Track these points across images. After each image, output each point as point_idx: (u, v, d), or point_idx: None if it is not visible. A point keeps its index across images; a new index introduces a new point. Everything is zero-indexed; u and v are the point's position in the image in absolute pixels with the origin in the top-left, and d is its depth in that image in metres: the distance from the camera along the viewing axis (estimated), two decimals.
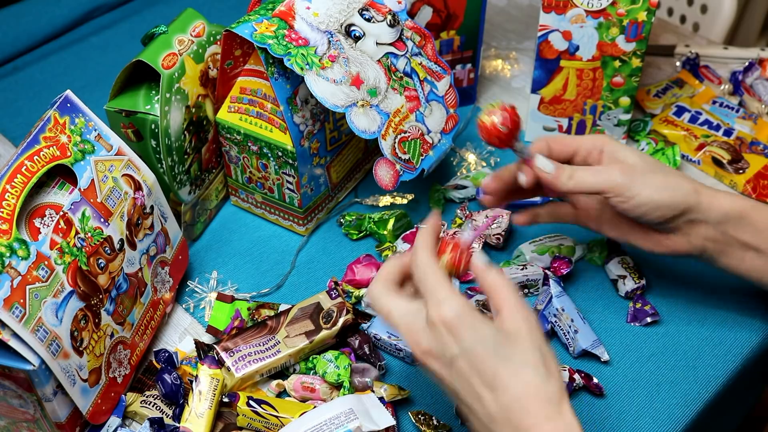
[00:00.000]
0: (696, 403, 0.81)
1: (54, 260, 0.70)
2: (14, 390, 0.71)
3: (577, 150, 0.80)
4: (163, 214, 0.85)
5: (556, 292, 0.85)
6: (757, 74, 1.13)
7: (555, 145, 0.81)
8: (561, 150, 0.81)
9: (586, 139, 0.81)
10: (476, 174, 0.98)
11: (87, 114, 0.77)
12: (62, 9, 1.25)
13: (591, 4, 0.94)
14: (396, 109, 0.88)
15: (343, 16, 0.88)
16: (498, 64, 1.19)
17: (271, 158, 0.90)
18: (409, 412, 0.78)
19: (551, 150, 0.81)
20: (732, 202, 0.78)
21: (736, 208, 0.78)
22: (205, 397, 0.76)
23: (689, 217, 0.78)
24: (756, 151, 1.02)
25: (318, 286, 0.91)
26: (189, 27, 0.89)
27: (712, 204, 0.77)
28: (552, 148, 0.80)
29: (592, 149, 0.80)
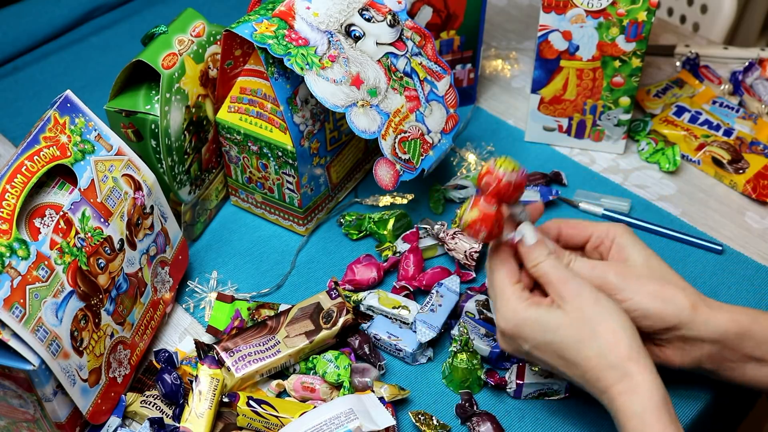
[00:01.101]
0: (696, 403, 0.81)
1: (54, 260, 0.70)
2: (14, 390, 0.71)
3: (590, 238, 0.78)
4: (163, 214, 0.85)
5: None
6: (757, 74, 1.13)
7: (568, 229, 0.79)
8: (574, 234, 0.79)
9: (600, 227, 0.78)
10: (476, 174, 0.98)
11: (87, 114, 0.77)
12: (62, 9, 1.25)
13: (591, 4, 0.94)
14: (396, 109, 0.88)
15: (343, 16, 0.88)
16: (498, 64, 1.19)
17: (271, 158, 0.90)
18: (409, 412, 0.78)
19: (561, 234, 0.79)
20: (731, 319, 0.73)
21: (735, 327, 0.73)
22: (205, 397, 0.76)
23: (682, 333, 0.74)
24: (756, 151, 1.02)
25: (318, 286, 0.91)
26: (189, 27, 0.89)
27: (709, 322, 0.73)
28: (563, 232, 0.79)
29: (605, 238, 0.78)
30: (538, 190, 0.97)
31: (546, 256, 0.73)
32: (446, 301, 0.84)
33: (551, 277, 0.72)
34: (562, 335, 0.70)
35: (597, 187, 1.01)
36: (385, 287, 0.90)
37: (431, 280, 0.88)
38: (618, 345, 0.68)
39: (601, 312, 0.70)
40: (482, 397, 0.81)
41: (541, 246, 0.73)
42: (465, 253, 0.89)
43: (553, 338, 0.70)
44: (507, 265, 0.74)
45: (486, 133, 1.08)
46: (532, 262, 0.73)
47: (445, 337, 0.85)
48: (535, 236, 0.73)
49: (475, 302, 0.85)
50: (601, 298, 0.70)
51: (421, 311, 0.84)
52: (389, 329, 0.84)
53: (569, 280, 0.71)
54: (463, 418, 0.78)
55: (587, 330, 0.69)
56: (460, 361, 0.80)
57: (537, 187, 0.97)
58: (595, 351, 0.69)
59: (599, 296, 0.70)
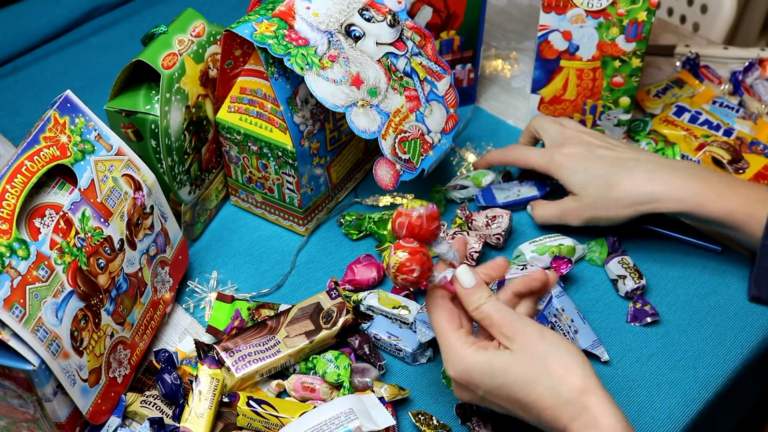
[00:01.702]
0: (696, 403, 0.81)
1: (54, 260, 0.71)
2: (14, 390, 0.71)
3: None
4: (163, 214, 0.85)
5: (556, 292, 0.85)
6: (757, 74, 1.13)
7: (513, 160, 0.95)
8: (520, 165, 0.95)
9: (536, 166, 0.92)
10: (477, 174, 0.98)
11: (87, 114, 0.77)
12: (62, 9, 1.25)
13: (591, 4, 0.94)
14: (396, 109, 0.88)
15: (343, 16, 0.88)
16: (498, 64, 1.19)
17: (271, 158, 0.90)
18: (409, 412, 0.78)
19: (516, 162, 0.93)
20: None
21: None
22: (205, 397, 0.76)
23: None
24: (756, 151, 1.02)
25: (318, 286, 0.91)
26: (189, 27, 0.89)
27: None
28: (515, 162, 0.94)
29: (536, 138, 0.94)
30: (534, 185, 0.97)
31: (487, 298, 0.70)
32: None
33: (494, 319, 0.69)
34: (513, 377, 0.67)
35: None
36: (385, 287, 0.90)
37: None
38: (571, 378, 0.66)
39: (548, 347, 0.67)
40: None
41: (481, 288, 0.71)
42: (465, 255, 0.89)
43: (503, 381, 0.67)
44: (445, 311, 0.71)
45: (486, 133, 1.08)
46: (473, 305, 0.70)
47: None
48: (473, 279, 0.71)
49: None
50: (546, 334, 0.68)
51: (422, 311, 0.84)
52: (389, 329, 0.84)
53: (513, 320, 0.69)
54: (463, 418, 0.78)
55: (538, 368, 0.67)
56: None
57: (532, 183, 0.97)
58: (548, 388, 0.66)
59: (544, 331, 0.68)
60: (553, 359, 0.67)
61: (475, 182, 0.97)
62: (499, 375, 0.68)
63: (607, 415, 0.65)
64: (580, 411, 0.65)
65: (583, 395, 0.66)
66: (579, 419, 0.65)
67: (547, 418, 0.67)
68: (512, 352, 0.68)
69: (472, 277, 0.71)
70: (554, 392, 0.66)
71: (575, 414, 0.65)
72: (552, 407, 0.66)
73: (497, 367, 0.68)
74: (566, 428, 0.66)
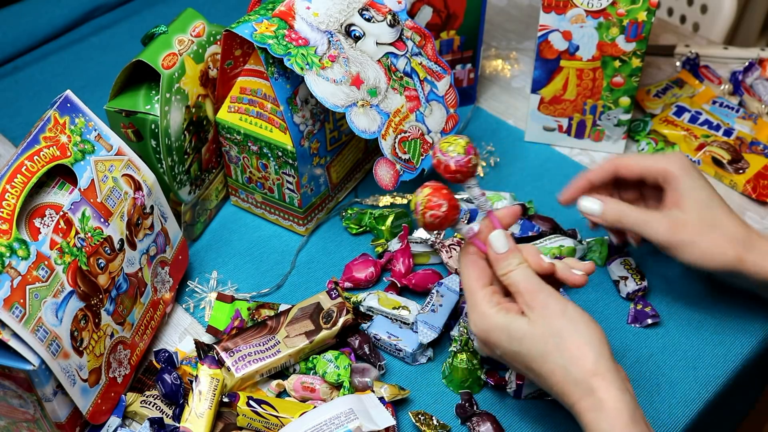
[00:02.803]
0: (696, 403, 0.81)
1: (54, 260, 0.70)
2: (14, 390, 0.71)
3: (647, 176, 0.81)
4: (163, 214, 0.85)
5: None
6: (757, 74, 1.13)
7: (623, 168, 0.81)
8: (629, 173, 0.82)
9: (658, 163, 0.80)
10: (492, 195, 0.96)
11: (87, 114, 0.77)
12: (62, 9, 1.25)
13: (591, 4, 0.94)
14: (396, 108, 0.88)
15: (343, 16, 0.88)
16: (498, 64, 1.19)
17: (271, 158, 0.90)
18: (409, 412, 0.78)
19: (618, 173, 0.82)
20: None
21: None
22: (205, 397, 0.76)
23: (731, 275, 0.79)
24: (756, 151, 1.02)
25: (318, 286, 0.91)
26: (189, 27, 0.89)
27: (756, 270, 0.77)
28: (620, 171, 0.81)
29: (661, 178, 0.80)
30: (520, 224, 0.93)
31: (516, 265, 0.71)
32: (446, 300, 0.84)
33: (520, 286, 0.70)
34: (528, 346, 0.68)
35: None
36: (382, 286, 0.90)
37: (421, 281, 0.88)
38: (583, 360, 0.67)
39: (567, 325, 0.68)
40: (482, 397, 0.81)
41: (513, 254, 0.71)
42: (456, 271, 0.88)
43: (519, 349, 0.69)
44: (477, 268, 0.72)
45: (486, 133, 1.08)
46: (502, 270, 0.71)
47: (445, 337, 0.85)
48: (506, 244, 0.71)
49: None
50: (569, 310, 0.68)
51: (422, 311, 0.84)
52: (389, 329, 0.84)
53: (538, 291, 0.69)
54: (463, 418, 0.78)
55: (552, 343, 0.67)
56: (460, 361, 0.80)
57: (519, 220, 0.93)
58: (560, 365, 0.67)
59: (567, 308, 0.69)
60: (568, 337, 0.68)
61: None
62: (516, 341, 0.69)
63: (612, 399, 0.65)
64: (587, 393, 0.66)
65: (593, 378, 0.66)
66: (586, 400, 0.66)
67: (558, 392, 0.68)
68: (529, 322, 0.69)
69: (505, 243, 0.72)
70: (565, 370, 0.67)
71: (582, 394, 0.66)
72: (562, 383, 0.67)
73: (514, 333, 0.69)
74: (573, 405, 0.67)
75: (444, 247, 0.90)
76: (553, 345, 0.67)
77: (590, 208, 0.78)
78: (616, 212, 0.78)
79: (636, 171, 0.81)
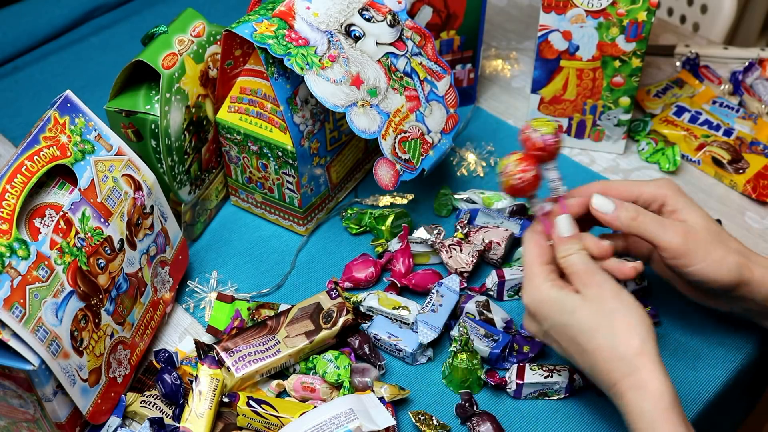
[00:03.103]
0: (696, 403, 0.81)
1: (54, 260, 0.70)
2: (14, 390, 0.71)
3: (637, 201, 0.78)
4: (163, 214, 0.85)
5: None
6: (757, 74, 1.13)
7: (612, 192, 0.78)
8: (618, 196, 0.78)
9: (647, 188, 0.78)
10: (491, 195, 0.96)
11: (87, 114, 0.77)
12: (62, 9, 1.25)
13: (591, 4, 0.94)
14: (396, 108, 0.88)
15: (343, 16, 0.88)
16: (498, 64, 1.19)
17: (271, 158, 0.90)
18: (409, 412, 0.78)
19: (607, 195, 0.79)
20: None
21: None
22: (205, 397, 0.76)
23: (735, 293, 0.77)
24: (756, 151, 1.02)
25: (318, 286, 0.91)
26: (189, 27, 0.89)
27: (762, 283, 0.76)
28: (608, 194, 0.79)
29: (652, 202, 0.78)
30: (520, 223, 0.93)
31: (577, 250, 0.73)
32: (446, 300, 0.84)
33: (578, 267, 0.72)
34: (578, 319, 0.70)
35: None
36: (382, 286, 0.90)
37: (421, 281, 0.88)
38: (631, 339, 0.68)
39: (619, 306, 0.70)
40: (482, 397, 0.81)
41: (574, 239, 0.74)
42: (456, 271, 0.88)
43: (569, 320, 0.70)
44: (540, 246, 0.75)
45: (486, 133, 1.08)
46: (563, 253, 0.74)
47: (445, 337, 0.85)
48: (570, 229, 0.74)
49: (475, 303, 0.85)
50: (622, 293, 0.71)
51: (422, 311, 0.84)
52: (389, 329, 0.84)
53: (595, 272, 0.72)
54: (463, 418, 0.78)
55: (603, 319, 0.69)
56: (460, 361, 0.80)
57: (519, 220, 0.93)
58: (608, 340, 0.69)
59: (621, 291, 0.71)
60: (620, 317, 0.69)
61: (485, 202, 0.96)
62: (567, 313, 0.70)
63: (656, 381, 0.67)
64: (632, 371, 0.67)
65: (638, 356, 0.68)
66: (629, 378, 0.67)
67: (600, 369, 0.69)
68: (584, 298, 0.71)
69: (570, 228, 0.74)
70: (612, 346, 0.68)
71: (627, 372, 0.67)
72: (607, 360, 0.68)
73: (567, 306, 0.71)
74: (615, 384, 0.68)
75: (444, 247, 0.90)
76: (604, 321, 0.69)
77: (603, 206, 0.76)
78: (631, 212, 0.76)
79: (624, 193, 0.78)
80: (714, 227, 0.77)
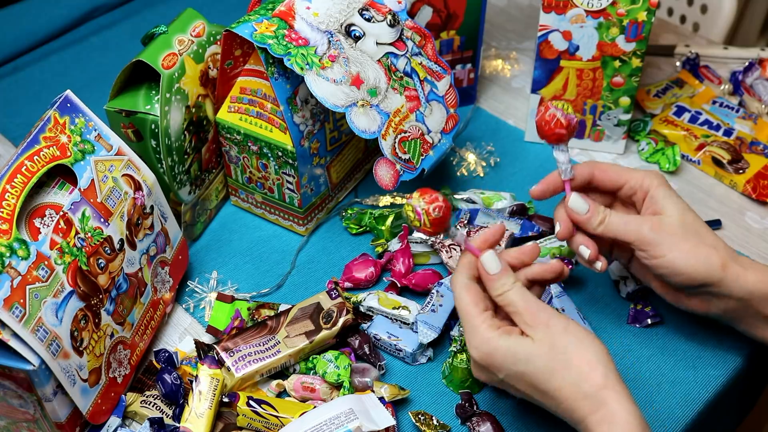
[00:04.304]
0: (696, 403, 0.81)
1: (54, 260, 0.70)
2: (14, 390, 0.71)
3: (624, 186, 0.78)
4: (163, 214, 0.85)
5: (556, 292, 0.85)
6: (757, 74, 1.13)
7: (601, 174, 0.78)
8: (607, 181, 0.78)
9: (635, 175, 0.78)
10: (491, 196, 0.96)
11: (87, 114, 0.77)
12: (62, 9, 1.25)
13: (591, 4, 0.94)
14: (396, 108, 0.88)
15: (343, 16, 0.88)
16: (498, 64, 1.19)
17: (271, 158, 0.90)
18: (409, 412, 0.78)
19: (594, 178, 0.78)
20: (759, 279, 0.75)
21: (761, 287, 0.74)
22: (205, 397, 0.76)
23: (710, 290, 0.76)
24: (756, 151, 1.02)
25: (318, 286, 0.91)
26: (189, 27, 0.89)
27: (737, 281, 0.74)
28: (596, 176, 0.78)
29: (638, 190, 0.78)
30: (520, 223, 0.93)
31: (511, 285, 0.71)
32: (446, 300, 0.84)
33: (518, 306, 0.70)
34: (534, 366, 0.68)
35: None
36: (382, 286, 0.90)
37: (421, 281, 0.88)
38: (593, 374, 0.67)
39: (573, 341, 0.68)
40: (482, 397, 0.81)
41: (506, 274, 0.71)
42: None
43: (525, 369, 0.68)
44: (472, 292, 0.72)
45: (486, 133, 1.08)
46: (497, 291, 0.71)
47: (445, 337, 0.85)
48: (498, 265, 0.71)
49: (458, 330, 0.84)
50: (570, 327, 0.69)
51: (422, 311, 0.84)
52: (389, 329, 0.84)
53: (537, 310, 0.69)
54: (463, 418, 0.78)
55: (560, 360, 0.67)
56: (460, 361, 0.80)
57: (519, 221, 0.93)
58: (569, 381, 0.67)
59: (569, 324, 0.69)
60: (575, 353, 0.67)
61: (485, 202, 0.96)
62: (522, 362, 0.68)
63: (624, 412, 0.65)
64: (598, 406, 0.66)
65: (603, 390, 0.66)
66: (596, 413, 0.66)
67: (564, 408, 0.68)
68: (535, 341, 0.68)
69: (497, 263, 0.71)
70: (574, 386, 0.67)
71: (593, 408, 0.66)
72: (571, 400, 0.67)
73: (520, 354, 0.68)
74: (583, 421, 0.67)
75: (444, 247, 0.90)
76: (560, 362, 0.67)
77: (578, 206, 0.76)
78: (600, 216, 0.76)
79: (613, 177, 0.78)
80: (690, 222, 0.76)
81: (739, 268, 0.75)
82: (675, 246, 0.74)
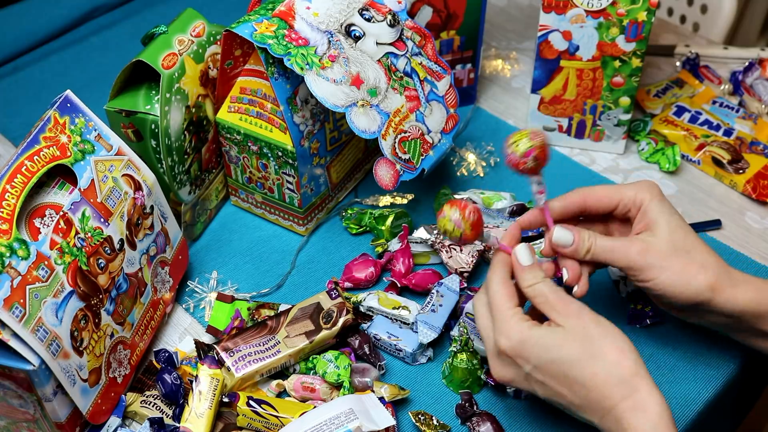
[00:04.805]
0: (696, 403, 0.81)
1: (54, 260, 0.70)
2: (14, 390, 0.71)
3: (618, 206, 0.77)
4: (163, 214, 0.85)
5: None
6: (757, 74, 1.13)
7: (592, 200, 0.77)
8: (600, 206, 0.78)
9: (627, 193, 0.77)
10: (491, 195, 0.96)
11: (87, 114, 0.77)
12: (62, 9, 1.25)
13: (591, 4, 0.94)
14: (396, 108, 0.88)
15: (343, 16, 0.88)
16: (498, 64, 1.19)
17: (271, 158, 0.90)
18: (409, 412, 0.78)
19: (586, 205, 0.78)
20: (750, 297, 0.74)
21: (753, 305, 0.74)
22: (205, 397, 0.76)
23: (701, 308, 0.76)
24: (756, 151, 1.02)
25: (318, 286, 0.91)
26: (189, 27, 0.89)
27: (727, 302, 0.74)
28: (588, 203, 0.78)
29: (632, 206, 0.77)
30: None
31: (542, 278, 0.72)
32: (446, 300, 0.84)
33: (550, 297, 0.71)
34: (567, 352, 0.68)
35: None
36: (382, 286, 0.90)
37: (421, 281, 0.88)
38: (625, 361, 0.67)
39: (603, 332, 0.69)
40: (482, 397, 0.81)
41: (537, 267, 0.73)
42: (456, 271, 0.88)
43: (557, 355, 0.68)
44: (508, 288, 0.73)
45: (486, 133, 1.08)
46: (529, 282, 0.72)
47: (445, 337, 0.85)
48: (530, 258, 0.73)
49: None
50: (601, 319, 0.70)
51: (422, 312, 0.84)
52: (389, 329, 0.84)
53: (569, 301, 0.71)
54: (463, 418, 0.78)
55: (593, 347, 0.68)
56: (460, 361, 0.80)
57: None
58: (602, 367, 0.67)
59: (599, 316, 0.70)
60: (607, 342, 0.68)
61: (485, 202, 0.96)
62: (555, 349, 0.68)
63: (655, 401, 0.66)
64: (631, 392, 0.66)
65: (635, 377, 0.67)
66: (627, 400, 0.66)
67: (594, 398, 0.68)
68: (566, 330, 0.69)
69: (530, 256, 0.73)
70: (608, 371, 0.67)
71: (625, 394, 0.66)
72: (604, 386, 0.67)
73: (551, 341, 0.69)
74: (614, 408, 0.67)
75: (444, 247, 0.90)
76: (594, 349, 0.68)
77: (562, 239, 0.75)
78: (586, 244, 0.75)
79: (604, 200, 0.78)
80: (680, 239, 0.75)
81: (729, 288, 0.74)
82: (663, 269, 0.74)
